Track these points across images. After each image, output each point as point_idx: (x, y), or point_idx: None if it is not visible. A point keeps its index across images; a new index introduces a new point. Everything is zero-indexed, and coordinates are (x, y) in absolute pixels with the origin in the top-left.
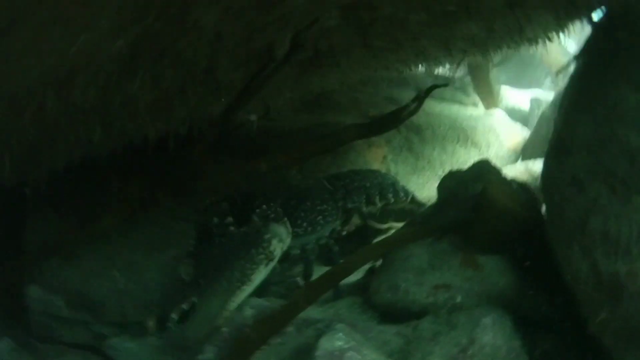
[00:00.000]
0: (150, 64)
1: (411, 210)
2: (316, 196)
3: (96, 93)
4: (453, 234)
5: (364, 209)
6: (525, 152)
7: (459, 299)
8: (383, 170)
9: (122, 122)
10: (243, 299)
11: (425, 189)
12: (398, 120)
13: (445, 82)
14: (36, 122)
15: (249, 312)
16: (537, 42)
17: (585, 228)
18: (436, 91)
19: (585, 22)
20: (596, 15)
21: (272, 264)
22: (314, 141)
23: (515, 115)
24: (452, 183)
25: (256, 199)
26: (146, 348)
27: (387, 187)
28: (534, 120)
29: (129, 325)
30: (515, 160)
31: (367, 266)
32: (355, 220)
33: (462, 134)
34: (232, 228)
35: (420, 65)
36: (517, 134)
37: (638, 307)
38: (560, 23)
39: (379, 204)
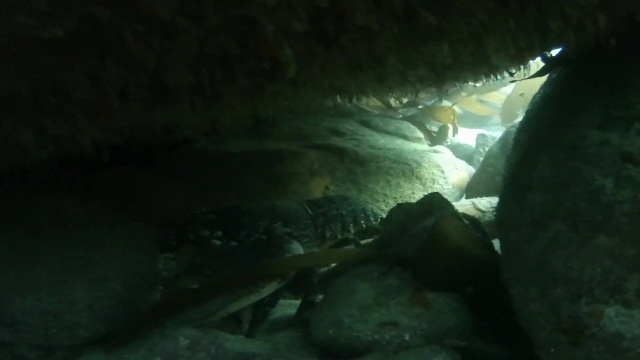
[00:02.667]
0: (90, 56)
1: (377, 230)
2: (300, 220)
3: (27, 85)
4: (401, 269)
5: (339, 237)
6: (470, 190)
7: (407, 337)
8: None
9: (55, 125)
10: (244, 306)
11: None
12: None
13: None
14: None
15: (183, 342)
16: (496, 75)
17: (544, 268)
18: (380, 124)
19: (542, 57)
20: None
21: (283, 283)
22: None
23: (459, 152)
24: (401, 216)
25: (244, 215)
26: None
27: (359, 213)
28: (479, 158)
29: (55, 349)
30: (459, 197)
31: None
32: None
33: (406, 168)
34: (218, 242)
35: (372, 94)
36: (461, 171)
37: (599, 350)
38: (525, 56)
39: (353, 231)
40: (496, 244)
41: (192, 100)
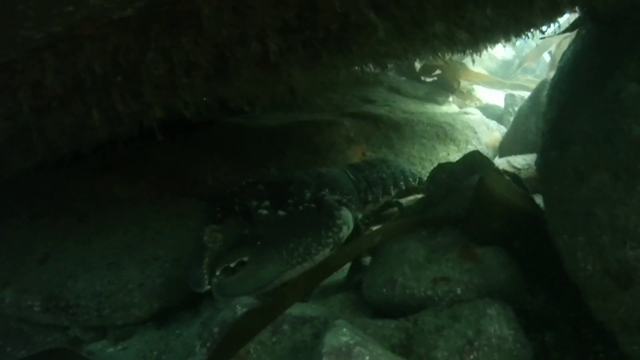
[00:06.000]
0: (164, 34)
1: (416, 189)
2: (344, 186)
3: (101, 66)
4: (449, 227)
5: (380, 200)
6: (503, 149)
7: (459, 291)
8: None
9: (124, 103)
10: (298, 274)
11: None
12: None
13: None
14: (30, 99)
15: (240, 311)
16: (527, 35)
17: (590, 217)
18: (410, 89)
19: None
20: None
21: (335, 251)
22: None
23: (489, 113)
24: (443, 176)
25: (290, 184)
26: (129, 353)
27: (398, 175)
28: (509, 117)
29: (108, 328)
30: (493, 157)
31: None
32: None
33: (440, 131)
34: (265, 212)
35: (416, 58)
36: (493, 131)
37: None
38: (554, 12)
39: (393, 193)
40: (536, 198)
41: (252, 71)
